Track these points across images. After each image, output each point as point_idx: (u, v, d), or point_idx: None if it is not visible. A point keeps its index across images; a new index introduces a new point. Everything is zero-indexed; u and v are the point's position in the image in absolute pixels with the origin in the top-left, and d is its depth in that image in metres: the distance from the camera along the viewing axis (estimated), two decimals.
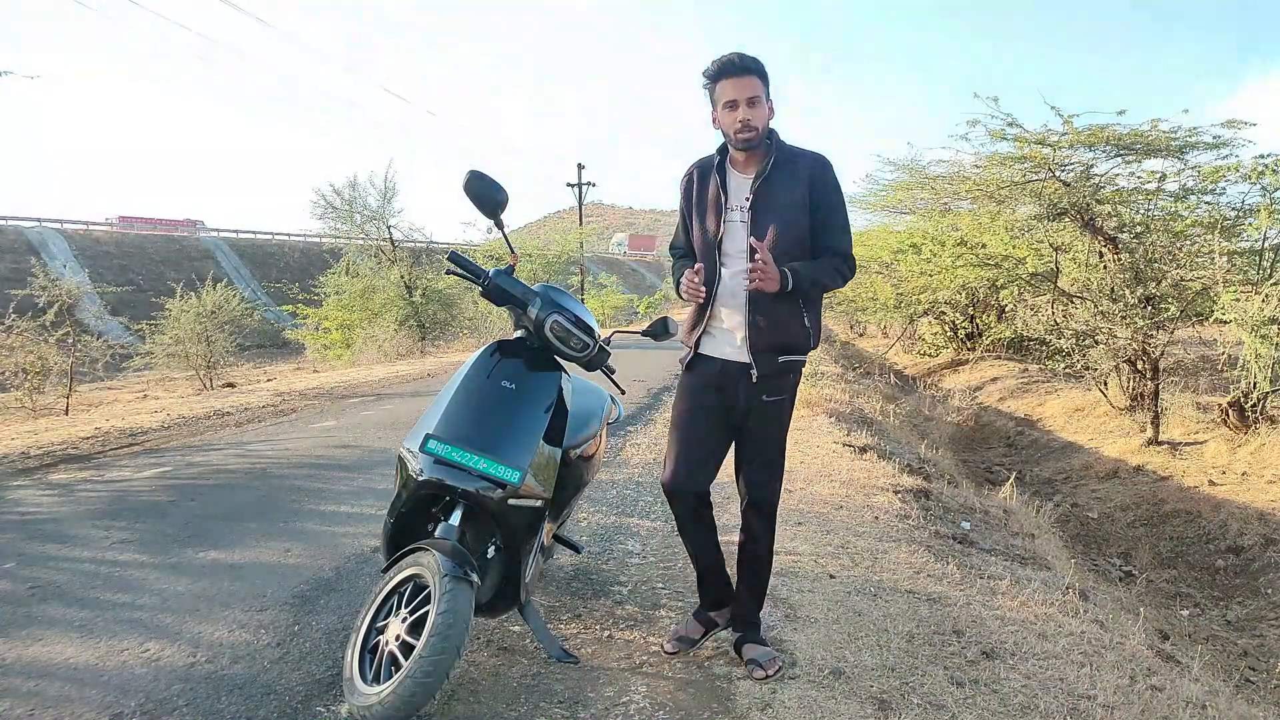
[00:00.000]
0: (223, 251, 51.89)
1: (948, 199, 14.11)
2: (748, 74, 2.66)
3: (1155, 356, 9.79)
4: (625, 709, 2.60)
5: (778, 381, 2.81)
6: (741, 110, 2.65)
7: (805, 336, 2.79)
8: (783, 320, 2.74)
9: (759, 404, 2.80)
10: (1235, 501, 7.42)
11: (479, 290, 2.94)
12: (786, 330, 2.75)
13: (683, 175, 2.95)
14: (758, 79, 2.67)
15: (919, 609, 3.50)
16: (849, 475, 6.09)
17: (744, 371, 2.76)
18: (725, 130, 2.72)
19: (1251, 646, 5.30)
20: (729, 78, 2.67)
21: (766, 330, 2.73)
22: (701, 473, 2.86)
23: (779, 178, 2.73)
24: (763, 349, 2.74)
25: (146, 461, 6.37)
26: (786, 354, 2.78)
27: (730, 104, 2.67)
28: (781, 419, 2.87)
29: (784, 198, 2.72)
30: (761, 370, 2.74)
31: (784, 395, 2.84)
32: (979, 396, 14.93)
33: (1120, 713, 2.72)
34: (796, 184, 2.72)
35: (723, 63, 2.67)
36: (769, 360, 2.75)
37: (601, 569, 3.96)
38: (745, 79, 2.66)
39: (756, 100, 2.66)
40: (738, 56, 2.67)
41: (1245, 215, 9.62)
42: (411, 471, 2.64)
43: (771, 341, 2.74)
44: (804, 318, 2.77)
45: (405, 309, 22.13)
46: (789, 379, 2.85)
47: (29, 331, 13.97)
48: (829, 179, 2.77)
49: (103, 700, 2.58)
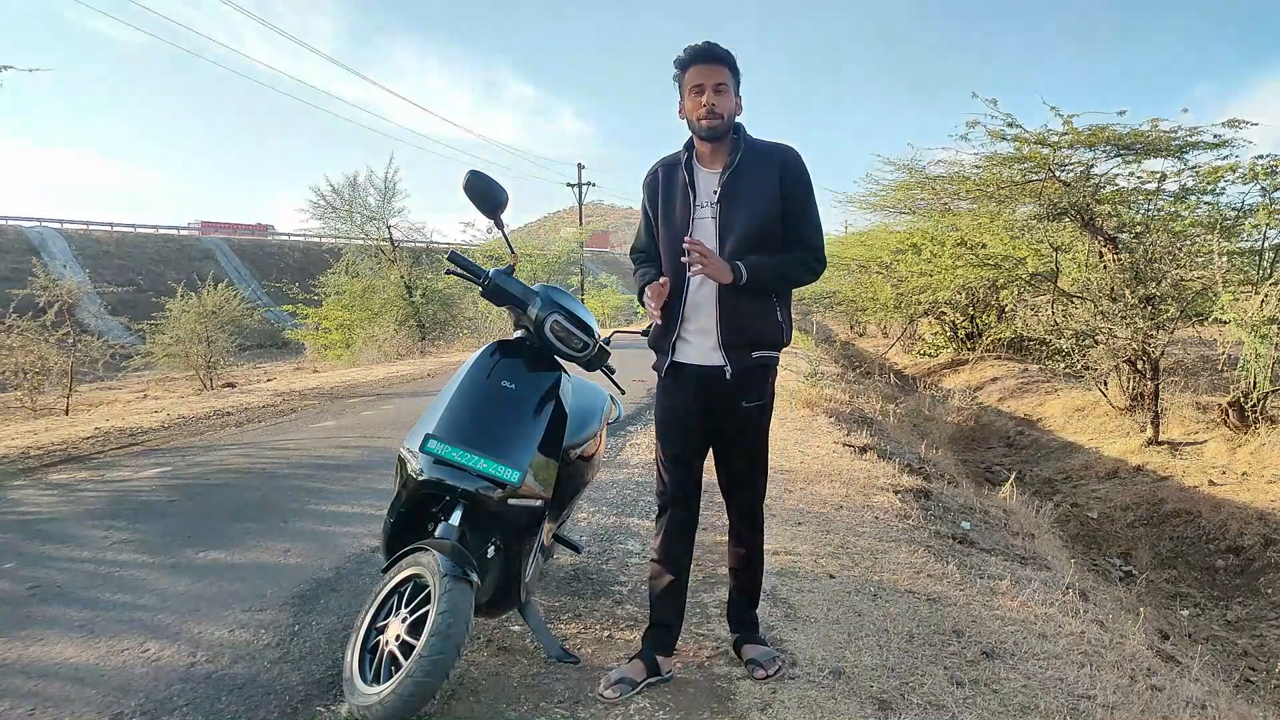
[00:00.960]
0: (223, 251, 51.89)
1: (948, 199, 14.11)
2: (717, 62, 2.62)
3: (1155, 356, 9.79)
4: (625, 709, 2.60)
5: (753, 383, 2.75)
6: (707, 95, 2.60)
7: (778, 332, 2.75)
8: (754, 314, 2.69)
9: (739, 410, 2.76)
10: (1235, 501, 7.42)
11: (479, 290, 2.94)
12: (758, 324, 2.70)
13: (646, 174, 2.87)
14: (727, 69, 2.63)
15: (919, 609, 3.49)
16: (849, 475, 6.09)
17: (719, 374, 2.70)
18: (690, 118, 2.67)
19: (1251, 646, 5.29)
20: (698, 64, 2.63)
21: (737, 326, 2.67)
22: (693, 485, 2.86)
23: (748, 170, 2.67)
24: (734, 345, 2.68)
25: (146, 461, 6.37)
26: (759, 349, 2.73)
27: (697, 88, 2.62)
28: (762, 424, 2.84)
29: (754, 190, 2.66)
30: (735, 368, 2.69)
31: (763, 400, 2.80)
32: (979, 396, 14.94)
33: (1120, 713, 2.72)
34: (766, 176, 2.67)
35: (693, 50, 2.63)
36: (743, 357, 2.70)
37: (601, 569, 3.96)
38: (713, 67, 2.62)
39: (723, 88, 2.61)
40: (708, 45, 2.63)
41: (1245, 215, 9.62)
42: (411, 471, 2.64)
43: (743, 337, 2.69)
44: (776, 312, 2.73)
45: (405, 309, 22.14)
46: (765, 382, 2.80)
47: (29, 331, 13.96)
48: (800, 171, 2.72)
49: (103, 700, 2.58)
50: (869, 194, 17.54)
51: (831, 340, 29.03)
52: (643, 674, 2.74)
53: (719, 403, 2.75)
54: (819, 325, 33.72)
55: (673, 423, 2.83)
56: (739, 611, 3.00)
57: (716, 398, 2.74)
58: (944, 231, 15.66)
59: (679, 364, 2.78)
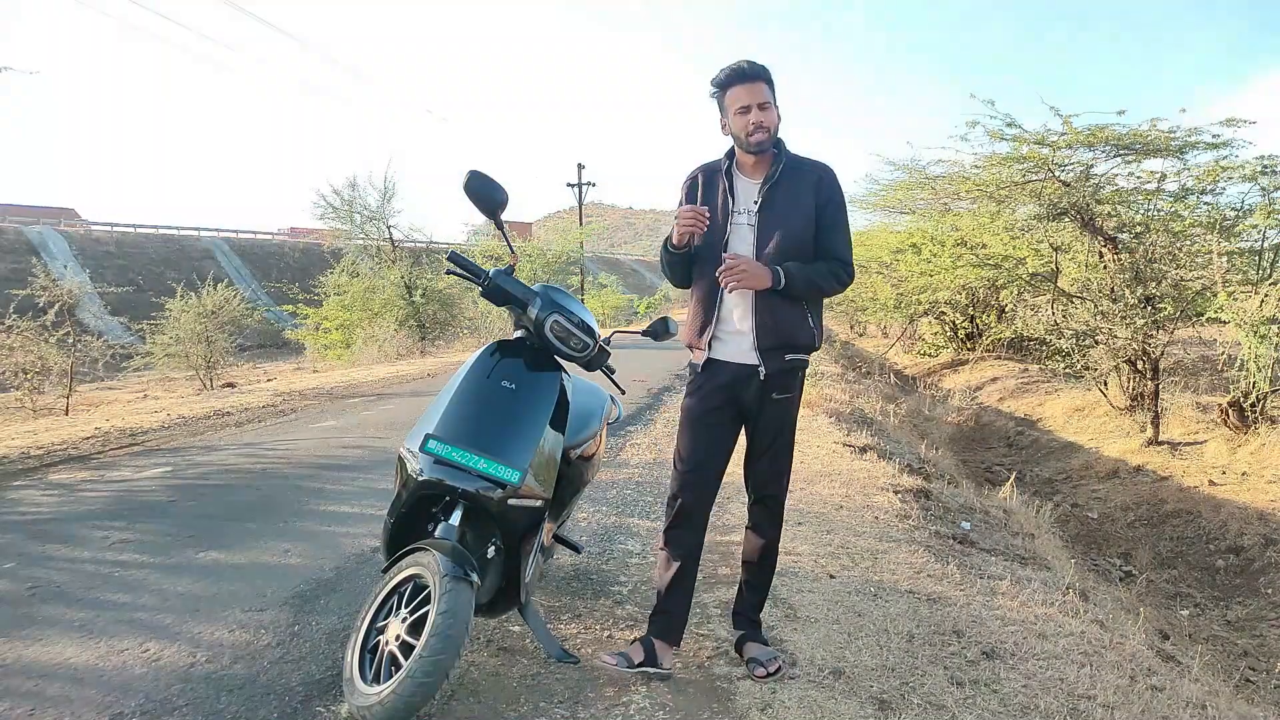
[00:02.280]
0: (223, 251, 51.87)
1: (948, 199, 14.11)
2: (757, 80, 2.74)
3: (1155, 356, 9.79)
4: (625, 709, 2.60)
5: (785, 380, 2.86)
6: (754, 114, 2.72)
7: (810, 336, 2.86)
8: (788, 319, 2.79)
9: (769, 402, 2.84)
10: (1235, 501, 7.42)
11: (479, 290, 2.94)
12: (792, 329, 2.80)
13: (685, 178, 2.98)
14: (765, 85, 2.75)
15: (919, 609, 3.50)
16: (849, 475, 6.10)
17: (753, 373, 2.80)
18: (737, 134, 2.78)
19: (1251, 646, 5.30)
20: (739, 84, 2.75)
21: (773, 329, 2.77)
22: (710, 475, 2.90)
23: (787, 183, 2.80)
24: (770, 348, 2.79)
25: (147, 461, 6.37)
26: (793, 352, 2.84)
27: (743, 109, 2.73)
28: (791, 416, 2.93)
29: (791, 203, 2.79)
30: (769, 369, 2.79)
31: (792, 393, 2.90)
32: (979, 396, 14.94)
33: (1120, 713, 2.72)
34: (804, 191, 2.80)
35: (732, 70, 2.76)
36: (776, 359, 2.80)
37: (601, 569, 3.96)
38: (755, 85, 2.74)
39: (767, 105, 2.74)
40: (747, 63, 2.75)
41: (1244, 215, 9.62)
42: (411, 471, 2.64)
43: (778, 340, 2.79)
44: (809, 318, 2.84)
45: (405, 309, 22.14)
46: (795, 378, 2.91)
47: (29, 331, 13.97)
48: (834, 188, 2.85)
49: (103, 700, 2.58)
50: (869, 194, 17.57)
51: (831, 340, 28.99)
52: (640, 655, 2.82)
53: (751, 398, 2.85)
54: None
55: (704, 414, 2.89)
56: (747, 609, 3.02)
57: (749, 394, 2.84)
58: (944, 231, 15.66)
59: (714, 360, 2.86)
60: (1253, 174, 9.01)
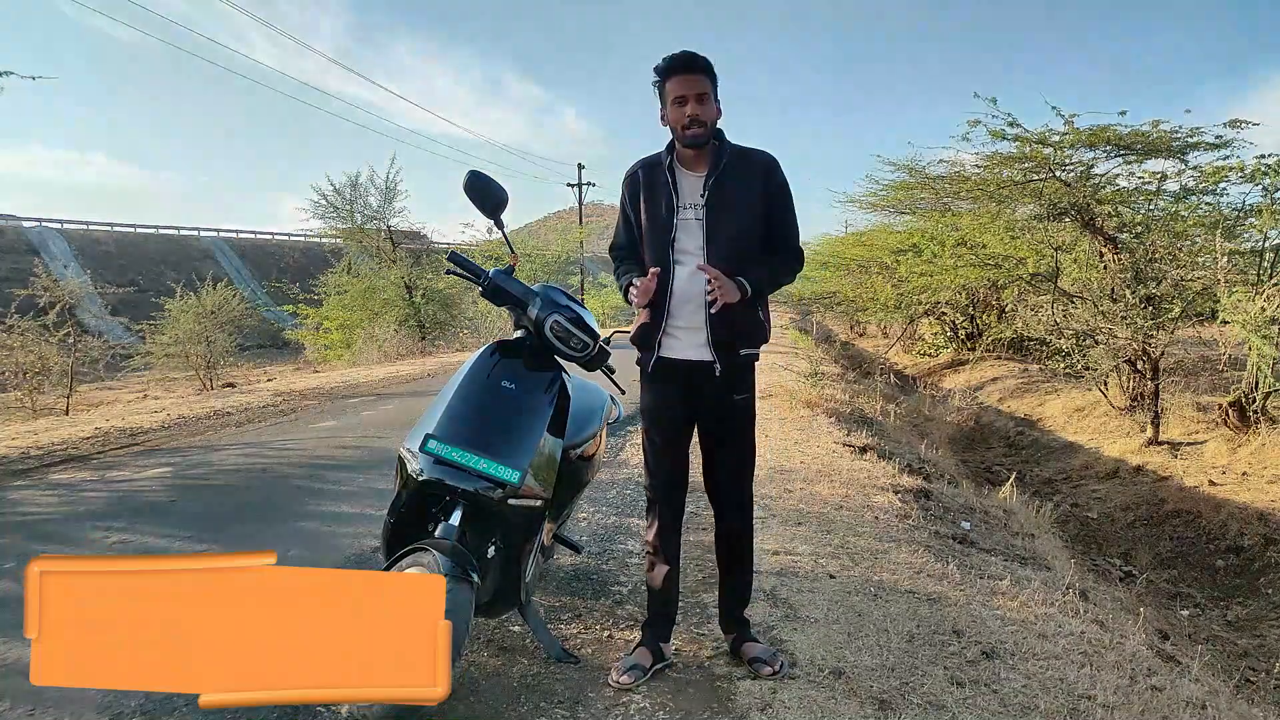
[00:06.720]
0: (223, 251, 51.86)
1: (948, 199, 14.11)
2: (697, 71, 2.68)
3: (1155, 356, 9.79)
4: (625, 709, 2.60)
5: (742, 375, 2.87)
6: (690, 106, 2.66)
7: (762, 330, 2.86)
8: (743, 315, 2.77)
9: (730, 403, 2.85)
10: (1235, 501, 7.42)
11: (479, 290, 2.94)
12: (745, 325, 2.80)
13: (625, 174, 2.92)
14: (706, 77, 2.69)
15: (919, 609, 3.49)
16: (849, 475, 6.09)
17: (708, 369, 2.79)
18: (673, 126, 2.73)
19: (1251, 646, 5.29)
20: (678, 75, 2.68)
21: (727, 327, 2.76)
22: (682, 474, 2.94)
23: (733, 176, 2.75)
24: (724, 345, 2.77)
25: (147, 461, 6.37)
26: (746, 347, 2.84)
27: (679, 100, 2.67)
28: (750, 415, 2.94)
29: (739, 196, 2.75)
30: (724, 365, 2.78)
31: (750, 391, 2.92)
32: (979, 396, 14.93)
33: (1120, 713, 2.72)
34: (752, 182, 2.76)
35: (673, 59, 2.69)
36: (731, 354, 2.79)
37: (601, 569, 3.96)
38: (693, 76, 2.67)
39: (705, 97, 2.67)
40: (687, 54, 2.69)
41: (1246, 215, 9.62)
42: (411, 471, 2.63)
43: (732, 337, 2.78)
44: (759, 311, 2.84)
45: (405, 309, 22.14)
46: (749, 375, 2.91)
47: (30, 331, 13.97)
48: (780, 177, 2.83)
49: (103, 700, 2.58)
50: (869, 194, 17.56)
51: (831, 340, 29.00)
52: (650, 660, 2.84)
53: (707, 398, 2.84)
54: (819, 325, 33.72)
55: (661, 414, 2.91)
56: (733, 609, 3.02)
57: (705, 393, 2.83)
58: (944, 231, 15.66)
59: (666, 359, 2.84)
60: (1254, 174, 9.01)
